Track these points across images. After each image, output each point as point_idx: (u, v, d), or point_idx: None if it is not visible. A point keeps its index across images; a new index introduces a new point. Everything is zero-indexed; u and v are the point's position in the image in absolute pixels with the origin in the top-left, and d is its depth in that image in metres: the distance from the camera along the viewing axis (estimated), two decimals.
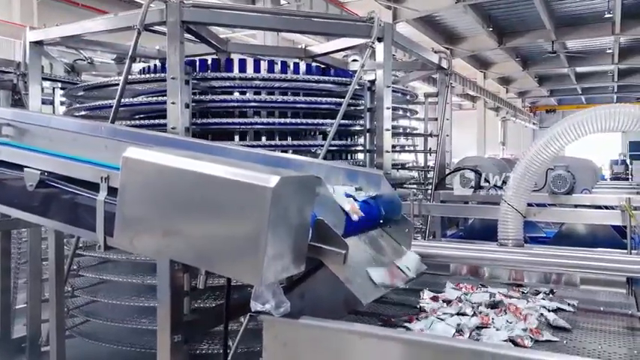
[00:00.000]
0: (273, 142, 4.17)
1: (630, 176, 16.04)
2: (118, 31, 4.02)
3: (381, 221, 2.43)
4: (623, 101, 30.28)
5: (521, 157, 2.99)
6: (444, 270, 2.94)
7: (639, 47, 21.55)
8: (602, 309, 2.44)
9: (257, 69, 4.35)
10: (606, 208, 3.79)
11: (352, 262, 2.00)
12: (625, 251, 3.01)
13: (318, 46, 5.21)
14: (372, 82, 4.42)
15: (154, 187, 1.80)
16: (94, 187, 2.23)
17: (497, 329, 2.13)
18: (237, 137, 4.30)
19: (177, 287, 2.13)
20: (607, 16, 16.98)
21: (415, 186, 6.14)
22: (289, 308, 1.76)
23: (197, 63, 4.28)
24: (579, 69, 25.81)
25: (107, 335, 4.25)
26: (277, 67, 4.36)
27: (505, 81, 29.03)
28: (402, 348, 1.79)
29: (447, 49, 22.04)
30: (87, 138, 2.58)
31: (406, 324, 2.19)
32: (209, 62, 4.34)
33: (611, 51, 21.83)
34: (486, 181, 3.33)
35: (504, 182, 3.93)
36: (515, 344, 1.99)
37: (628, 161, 21.96)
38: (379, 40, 4.18)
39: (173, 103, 3.73)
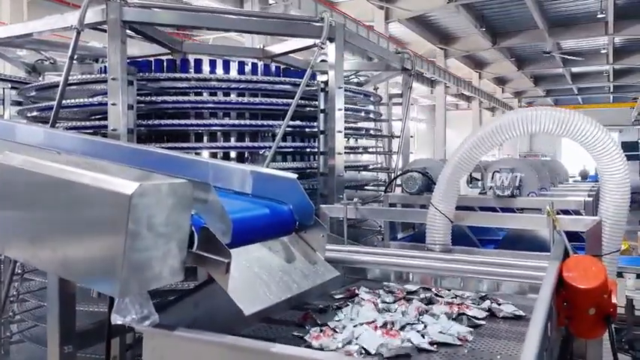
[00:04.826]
0: (220, 144, 4.08)
1: None
2: (61, 30, 3.97)
3: (297, 226, 2.37)
4: (619, 101, 30.27)
5: (448, 162, 2.93)
6: (364, 275, 2.88)
7: (633, 47, 21.48)
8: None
9: (198, 69, 4.27)
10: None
11: (244, 270, 1.94)
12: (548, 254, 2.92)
13: (275, 45, 5.12)
14: (326, 83, 4.34)
15: (17, 192, 1.73)
16: None
17: (426, 325, 2.15)
18: (187, 138, 4.22)
19: (67, 296, 2.07)
20: (600, 16, 16.91)
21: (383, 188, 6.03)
22: (158, 320, 1.68)
23: (139, 63, 4.20)
24: (574, 69, 25.76)
25: None
26: (220, 66, 4.25)
27: (500, 81, 28.96)
28: None
29: (441, 49, 22.04)
30: None
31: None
32: (152, 63, 4.27)
33: (605, 51, 21.77)
34: (434, 183, 3.24)
35: None
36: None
37: None
38: (330, 40, 4.12)
39: (114, 104, 3.67)
